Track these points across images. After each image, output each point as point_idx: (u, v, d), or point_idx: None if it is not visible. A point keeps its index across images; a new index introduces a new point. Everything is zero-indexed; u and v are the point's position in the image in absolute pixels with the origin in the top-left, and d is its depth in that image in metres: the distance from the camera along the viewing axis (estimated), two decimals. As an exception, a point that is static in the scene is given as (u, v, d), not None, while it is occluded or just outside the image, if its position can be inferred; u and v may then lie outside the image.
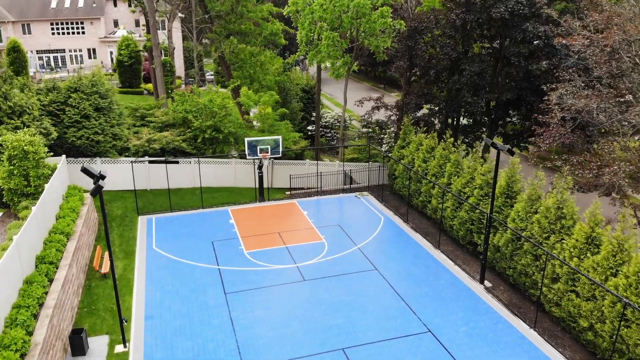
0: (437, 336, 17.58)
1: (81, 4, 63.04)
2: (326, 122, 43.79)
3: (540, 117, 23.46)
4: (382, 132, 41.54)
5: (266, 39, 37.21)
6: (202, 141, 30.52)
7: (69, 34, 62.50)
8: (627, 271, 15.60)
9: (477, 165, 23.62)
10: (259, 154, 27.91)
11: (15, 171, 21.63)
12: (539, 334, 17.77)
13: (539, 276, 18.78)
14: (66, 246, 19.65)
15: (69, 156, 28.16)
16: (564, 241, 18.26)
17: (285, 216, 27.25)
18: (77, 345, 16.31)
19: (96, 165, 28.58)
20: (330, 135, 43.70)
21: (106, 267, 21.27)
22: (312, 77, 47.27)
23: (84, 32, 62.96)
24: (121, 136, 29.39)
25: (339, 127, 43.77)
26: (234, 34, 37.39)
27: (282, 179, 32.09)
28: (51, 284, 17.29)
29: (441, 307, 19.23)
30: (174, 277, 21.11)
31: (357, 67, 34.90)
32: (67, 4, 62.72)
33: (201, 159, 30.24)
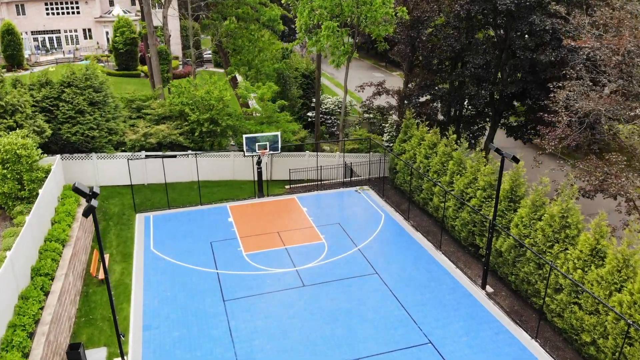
0: (437, 348, 17.43)
1: (75, -18, 61.40)
2: (326, 108, 43.00)
3: (545, 115, 22.84)
4: (383, 119, 40.86)
5: (264, 25, 36.18)
6: (199, 135, 29.94)
7: (63, 14, 61.06)
8: (632, 288, 15.31)
9: (480, 165, 23.14)
10: (257, 151, 27.38)
11: (8, 175, 21.16)
12: (540, 345, 17.61)
13: (542, 285, 18.53)
14: (62, 254, 19.37)
15: (64, 152, 27.69)
16: (567, 251, 17.94)
17: (284, 213, 26.91)
18: (75, 361, 16.18)
19: (92, 160, 28.14)
20: (330, 122, 42.98)
21: (103, 273, 21.04)
22: (312, 61, 46.26)
23: (79, 12, 61.50)
24: (117, 130, 28.81)
25: (339, 113, 43.07)
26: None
27: (281, 170, 31.64)
28: (47, 297, 17.09)
29: (442, 316, 19.04)
30: (172, 282, 20.90)
31: (357, 55, 34.05)
32: (61, -18, 61.12)
33: (199, 153, 29.77)
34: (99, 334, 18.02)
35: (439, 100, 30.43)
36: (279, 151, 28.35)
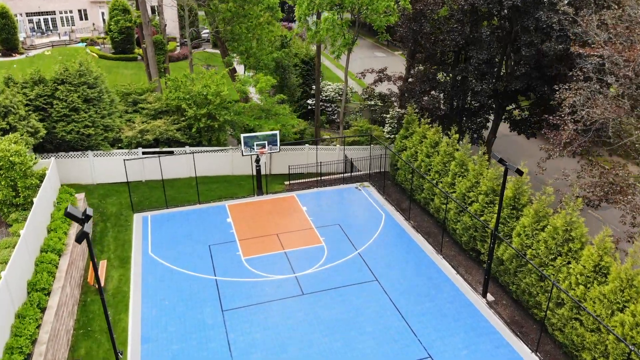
0: (437, 362, 17.37)
1: (69, -40, 59.74)
2: (326, 95, 42.25)
3: (550, 117, 22.27)
4: (385, 106, 40.17)
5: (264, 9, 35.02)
6: (197, 131, 29.43)
7: (58, -6, 59.62)
8: (635, 309, 15.09)
9: (483, 169, 22.69)
10: (255, 150, 26.90)
11: (2, 182, 20.81)
12: (540, 360, 17.55)
13: (543, 297, 18.33)
14: (58, 265, 19.17)
15: (60, 151, 27.27)
16: (570, 265, 17.67)
17: (284, 213, 26.61)
18: (73, 379, 16.13)
19: (88, 158, 27.73)
20: (330, 109, 42.30)
21: (101, 281, 20.90)
22: (313, 45, 45.24)
23: (73, -8, 60.04)
24: (113, 127, 28.29)
25: (340, 100, 42.35)
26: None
27: (280, 164, 31.21)
28: (44, 313, 16.96)
29: (442, 327, 18.93)
30: (170, 289, 20.75)
31: (358, 43, 33.20)
32: (54, -40, 59.43)
33: (197, 149, 29.33)
34: (97, 348, 17.95)
35: (442, 93, 29.71)
36: (278, 150, 27.87)
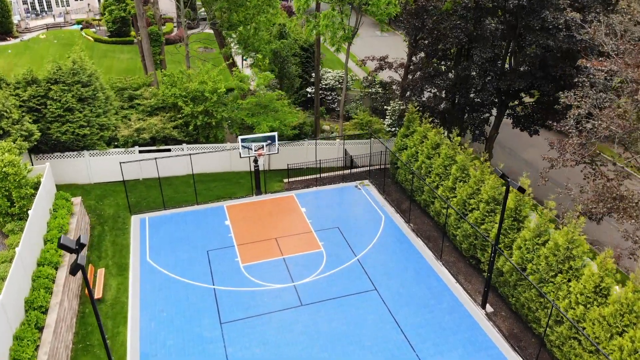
0: (435, 379, 17.41)
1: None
2: (326, 84, 41.49)
3: (555, 124, 21.78)
4: (386, 93, 39.48)
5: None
6: (194, 128, 28.97)
7: (51, -28, 58.07)
8: (634, 335, 14.99)
9: (484, 176, 22.33)
10: (254, 151, 26.49)
11: (-4, 192, 20.56)
12: (538, 377, 17.58)
13: (542, 313, 18.25)
14: (55, 279, 19.07)
15: (55, 151, 26.90)
16: (571, 282, 17.51)
17: (282, 215, 26.38)
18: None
19: (84, 158, 27.37)
20: (330, 98, 41.61)
21: (99, 291, 20.87)
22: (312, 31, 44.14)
23: (67, -30, 58.46)
24: (108, 125, 27.82)
25: (340, 88, 41.61)
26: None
27: (279, 159, 30.82)
28: (42, 332, 16.93)
29: (441, 340, 18.92)
30: (168, 299, 20.70)
31: (359, 34, 32.38)
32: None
33: (194, 147, 28.94)
34: (96, 364, 18.01)
35: (444, 90, 29.08)
36: (277, 152, 27.44)
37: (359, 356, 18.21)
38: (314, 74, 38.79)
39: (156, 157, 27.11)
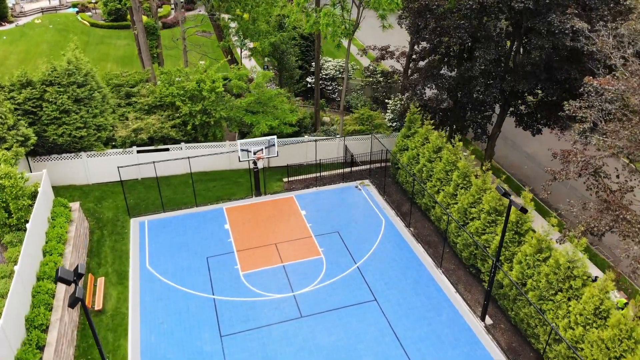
0: (433, 396, 17.56)
1: None
2: (327, 74, 40.81)
3: (559, 133, 21.42)
4: (387, 83, 38.90)
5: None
6: (192, 128, 28.59)
7: (44, -48, 56.48)
8: (633, 361, 15.04)
9: (486, 185, 22.09)
10: (253, 154, 26.17)
11: (-6, 204, 20.40)
12: (536, 394, 17.73)
13: (541, 330, 18.29)
14: (55, 294, 19.06)
15: (52, 153, 26.61)
16: (570, 302, 17.49)
17: (282, 219, 26.24)
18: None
19: (82, 159, 27.10)
20: (331, 88, 40.99)
21: (99, 302, 20.90)
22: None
23: (60, -50, 56.83)
24: (106, 126, 27.45)
25: (340, 78, 40.97)
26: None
27: (279, 157, 30.49)
28: (44, 351, 17.00)
29: (440, 355, 19.02)
30: (168, 310, 20.74)
31: (360, 28, 31.63)
32: None
33: (193, 146, 28.62)
34: (97, 380, 18.15)
35: (446, 90, 28.55)
36: (277, 155, 27.14)
37: (359, 372, 18.36)
38: (314, 64, 38.15)
39: (154, 159, 26.84)
